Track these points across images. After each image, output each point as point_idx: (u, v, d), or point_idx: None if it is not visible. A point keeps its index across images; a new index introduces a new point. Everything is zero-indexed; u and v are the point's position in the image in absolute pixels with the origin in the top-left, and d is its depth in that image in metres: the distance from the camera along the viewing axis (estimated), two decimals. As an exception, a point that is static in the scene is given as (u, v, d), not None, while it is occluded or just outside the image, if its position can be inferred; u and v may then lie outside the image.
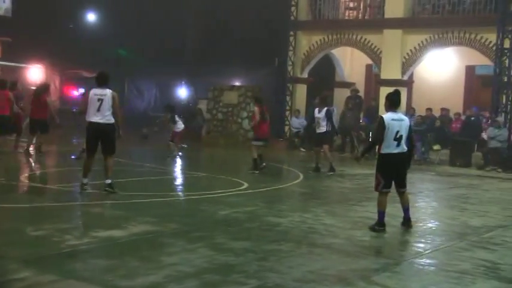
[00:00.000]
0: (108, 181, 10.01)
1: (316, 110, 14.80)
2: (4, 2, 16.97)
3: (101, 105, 9.82)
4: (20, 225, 7.70)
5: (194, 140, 22.59)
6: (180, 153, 16.97)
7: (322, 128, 14.49)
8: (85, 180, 10.07)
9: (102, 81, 10.08)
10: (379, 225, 8.18)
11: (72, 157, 14.66)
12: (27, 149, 15.27)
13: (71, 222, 8.04)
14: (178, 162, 16.28)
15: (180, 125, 16.80)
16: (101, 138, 9.97)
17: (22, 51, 21.33)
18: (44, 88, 15.99)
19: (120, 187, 10.66)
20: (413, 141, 8.75)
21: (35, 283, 5.38)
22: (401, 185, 8.33)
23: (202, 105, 24.35)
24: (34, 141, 15.48)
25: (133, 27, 27.47)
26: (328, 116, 14.45)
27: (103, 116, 9.85)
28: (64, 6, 27.14)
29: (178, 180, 13.71)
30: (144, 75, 29.25)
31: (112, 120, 9.96)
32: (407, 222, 8.44)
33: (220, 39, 26.57)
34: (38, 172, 13.39)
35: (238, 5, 25.76)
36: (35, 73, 20.16)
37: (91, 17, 30.82)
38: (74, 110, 19.67)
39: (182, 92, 28.61)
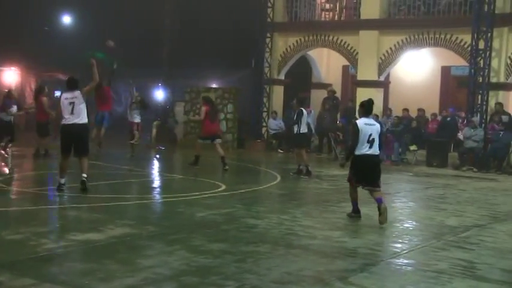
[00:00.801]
0: (85, 175, 10.41)
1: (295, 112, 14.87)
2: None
3: (74, 108, 10.20)
4: (-5, 230, 7.64)
5: (170, 142, 22.55)
6: (157, 156, 16.94)
7: (294, 129, 14.60)
8: (62, 181, 10.28)
9: (72, 86, 10.54)
10: (355, 212, 9.18)
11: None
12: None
13: (48, 226, 7.98)
14: (156, 164, 16.22)
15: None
16: (74, 140, 10.30)
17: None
18: (40, 89, 16.43)
19: (97, 190, 10.62)
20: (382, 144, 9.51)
21: (11, 287, 5.33)
22: (374, 185, 8.90)
23: (179, 107, 24.29)
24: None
25: (110, 29, 27.28)
26: (298, 117, 14.39)
27: (77, 118, 10.22)
28: (38, 7, 26.87)
29: (155, 183, 13.67)
30: (121, 78, 29.06)
31: (85, 121, 10.33)
32: (378, 208, 8.76)
33: (196, 41, 26.53)
34: (15, 175, 13.24)
35: (214, 6, 25.75)
36: (9, 76, 19.93)
37: (66, 19, 30.57)
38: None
39: (159, 94, 28.51)
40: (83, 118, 10.29)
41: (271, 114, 23.10)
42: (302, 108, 14.58)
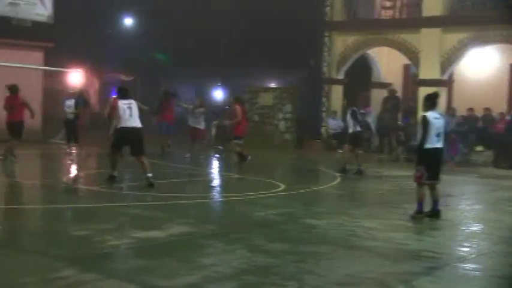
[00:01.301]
0: (149, 175, 11.08)
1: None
2: (46, 9, 17.26)
3: (131, 112, 11.09)
4: (63, 226, 7.87)
5: (229, 142, 22.67)
6: (216, 155, 17.09)
7: (349, 129, 14.56)
8: (115, 173, 11.21)
9: (125, 95, 11.44)
10: (419, 213, 8.97)
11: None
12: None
13: (111, 223, 8.14)
14: (215, 164, 16.36)
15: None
16: (131, 141, 11.19)
17: (63, 56, 21.73)
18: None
19: (157, 189, 10.77)
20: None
21: (77, 282, 5.46)
22: (438, 178, 9.04)
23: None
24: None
25: (169, 30, 27.72)
26: (354, 117, 14.48)
27: (134, 122, 11.12)
28: (103, 11, 27.54)
29: (215, 182, 13.76)
30: (180, 78, 29.48)
31: (140, 125, 11.23)
32: (436, 214, 8.96)
33: (255, 41, 26.61)
34: (80, 174, 13.60)
35: (272, 6, 25.76)
36: (75, 77, 20.48)
37: (128, 21, 31.22)
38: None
39: (218, 94, 28.76)
40: (139, 122, 11.17)
41: (331, 113, 22.94)
42: (355, 108, 14.62)
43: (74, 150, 15.73)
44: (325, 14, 23.18)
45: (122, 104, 11.14)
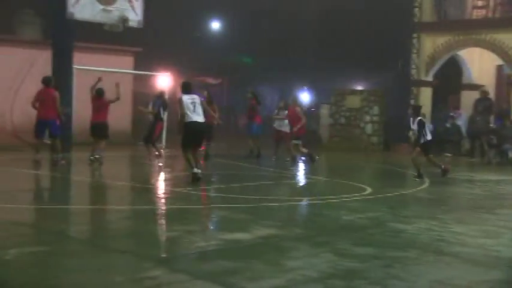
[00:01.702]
0: (198, 170, 11.55)
1: (411, 120, 14.18)
2: (136, 15, 17.80)
3: (195, 107, 11.41)
4: (152, 227, 8.08)
5: (315, 145, 22.62)
6: (302, 158, 17.06)
7: (420, 139, 13.77)
8: (195, 170, 11.46)
9: (188, 90, 11.70)
10: None
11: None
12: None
13: (199, 225, 8.28)
14: (301, 166, 16.34)
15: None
16: (196, 135, 11.62)
17: (152, 60, 22.38)
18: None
19: (244, 191, 10.88)
20: None
21: (165, 282, 5.59)
22: None
23: (325, 110, 24.32)
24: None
25: (255, 33, 27.96)
26: (421, 128, 13.74)
27: (198, 116, 11.46)
28: (191, 15, 28.14)
29: (301, 185, 13.74)
30: (266, 81, 29.67)
31: (204, 119, 11.63)
32: None
33: (341, 43, 26.42)
34: (168, 175, 13.93)
35: (359, 7, 25.50)
36: (163, 81, 21.03)
37: (215, 25, 31.75)
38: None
39: (304, 97, 28.73)
40: (202, 117, 11.54)
41: (419, 116, 22.41)
42: (421, 118, 14.05)
43: (158, 152, 15.99)
44: (413, 14, 22.73)
45: (186, 99, 11.41)
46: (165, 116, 16.42)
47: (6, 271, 5.77)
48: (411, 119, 14.17)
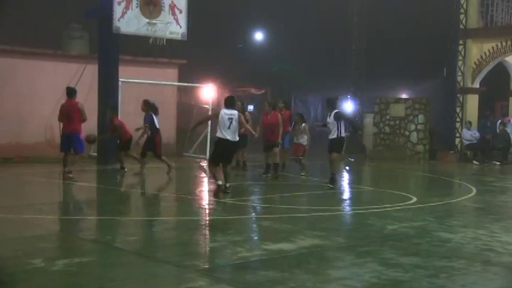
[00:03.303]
0: (227, 185, 11.43)
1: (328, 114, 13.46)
2: (180, 27, 18.03)
3: (231, 124, 11.20)
4: (196, 237, 8.14)
5: (360, 154, 22.47)
6: (346, 167, 16.93)
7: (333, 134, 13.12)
8: (220, 182, 11.16)
9: (231, 105, 11.51)
10: None
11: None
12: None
13: (242, 235, 8.30)
14: (345, 176, 16.23)
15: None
16: (226, 152, 11.39)
17: (196, 72, 22.62)
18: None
19: (287, 201, 10.86)
20: None
21: (209, 292, 5.64)
22: None
23: (369, 119, 24.14)
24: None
25: (297, 43, 27.99)
26: (337, 119, 13.00)
27: (231, 134, 11.22)
28: (234, 27, 28.35)
29: (345, 194, 13.65)
30: (309, 90, 29.64)
31: (237, 138, 11.42)
32: None
33: (384, 51, 26.23)
34: (211, 186, 14.01)
35: (402, 15, 25.28)
36: (207, 92, 21.23)
37: (258, 36, 31.90)
38: None
39: (348, 106, 28.57)
40: (236, 135, 11.34)
41: (466, 124, 22.08)
42: (338, 111, 13.46)
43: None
44: (459, 21, 22.40)
45: (224, 114, 11.26)
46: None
47: (55, 281, 5.89)
48: (328, 113, 13.48)
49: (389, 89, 25.81)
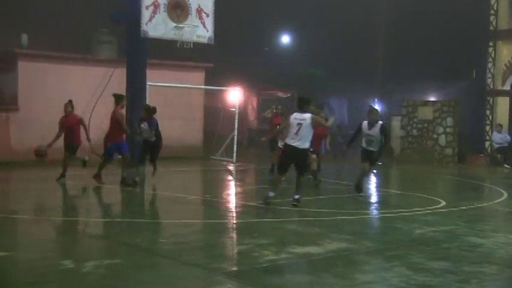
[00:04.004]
0: (297, 196, 10.51)
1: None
2: (207, 31, 18.12)
3: (299, 130, 10.21)
4: (223, 240, 8.16)
5: (387, 157, 22.29)
6: (373, 171, 16.78)
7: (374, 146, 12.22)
8: (271, 194, 10.51)
9: (302, 106, 10.49)
10: None
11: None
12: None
13: (269, 238, 8.29)
14: (372, 179, 16.13)
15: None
16: (295, 161, 10.46)
17: (223, 75, 22.69)
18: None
19: (314, 204, 10.82)
20: None
21: (236, 295, 5.64)
22: None
23: (396, 122, 23.95)
24: None
25: (324, 45, 27.90)
26: (383, 133, 12.21)
27: (299, 141, 10.24)
28: (260, 30, 28.39)
29: (372, 198, 13.56)
30: (335, 93, 29.53)
31: (306, 145, 10.36)
32: None
33: (412, 53, 26.01)
34: (238, 189, 14.04)
35: (430, 17, 25.05)
36: (234, 95, 21.30)
37: (285, 39, 31.89)
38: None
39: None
40: (305, 142, 10.29)
41: (496, 127, 21.79)
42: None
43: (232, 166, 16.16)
44: (489, 22, 22.12)
45: (293, 118, 10.34)
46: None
47: (84, 283, 5.95)
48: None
49: (417, 91, 25.57)
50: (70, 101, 14.00)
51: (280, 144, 13.64)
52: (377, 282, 6.07)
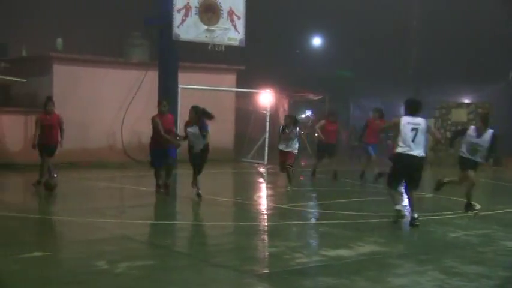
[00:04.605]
0: (416, 215, 9.31)
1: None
2: (239, 33, 18.16)
3: (416, 136, 9.05)
4: (255, 242, 8.16)
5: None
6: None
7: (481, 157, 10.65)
8: (398, 207, 9.40)
9: (412, 110, 9.32)
10: None
11: (301, 178, 15.19)
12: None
13: (301, 241, 8.27)
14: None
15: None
16: (410, 172, 9.22)
17: (254, 78, 22.71)
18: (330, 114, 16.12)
19: (345, 207, 10.76)
20: None
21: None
22: None
23: (430, 124, 23.68)
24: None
25: (355, 47, 27.75)
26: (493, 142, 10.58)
27: (417, 149, 9.07)
28: (292, 32, 28.35)
29: (405, 201, 13.40)
30: (367, 95, 29.34)
31: (424, 154, 9.27)
32: None
33: (445, 55, 25.70)
34: (269, 192, 14.02)
35: (463, 19, 24.73)
36: (265, 98, 21.31)
37: (316, 41, 31.81)
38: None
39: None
40: (422, 150, 9.21)
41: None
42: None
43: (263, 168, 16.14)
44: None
45: (406, 122, 9.12)
46: None
47: (117, 284, 6.00)
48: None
49: (451, 93, 25.29)
50: (49, 97, 12.91)
51: (281, 147, 12.97)
52: (410, 286, 6.00)
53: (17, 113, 17.92)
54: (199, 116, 11.39)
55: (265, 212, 10.94)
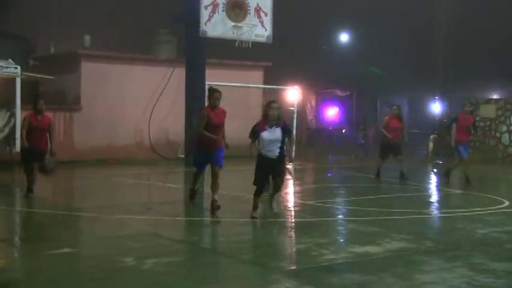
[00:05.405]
0: None
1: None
2: (266, 30, 18.17)
3: None
4: (282, 239, 8.19)
5: (448, 156, 21.81)
6: (434, 170, 16.50)
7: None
8: None
9: None
10: None
11: (329, 175, 15.15)
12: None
13: (328, 237, 8.26)
14: (433, 178, 15.84)
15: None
16: None
17: (281, 74, 22.70)
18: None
19: (373, 204, 10.71)
20: None
21: (294, 294, 5.64)
22: None
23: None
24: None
25: (383, 43, 27.57)
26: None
27: None
28: (319, 29, 28.27)
29: (433, 197, 13.31)
30: (395, 92, 29.14)
31: None
32: None
33: (474, 50, 25.39)
34: (297, 188, 14.02)
35: (490, 14, 24.39)
36: (292, 94, 21.28)
37: (344, 37, 31.67)
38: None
39: (435, 108, 27.85)
40: None
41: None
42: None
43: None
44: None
45: None
46: None
47: (145, 280, 6.07)
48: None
49: (480, 89, 24.98)
50: (39, 95, 11.76)
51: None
52: (437, 282, 5.96)
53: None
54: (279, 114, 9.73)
55: (292, 209, 10.94)
